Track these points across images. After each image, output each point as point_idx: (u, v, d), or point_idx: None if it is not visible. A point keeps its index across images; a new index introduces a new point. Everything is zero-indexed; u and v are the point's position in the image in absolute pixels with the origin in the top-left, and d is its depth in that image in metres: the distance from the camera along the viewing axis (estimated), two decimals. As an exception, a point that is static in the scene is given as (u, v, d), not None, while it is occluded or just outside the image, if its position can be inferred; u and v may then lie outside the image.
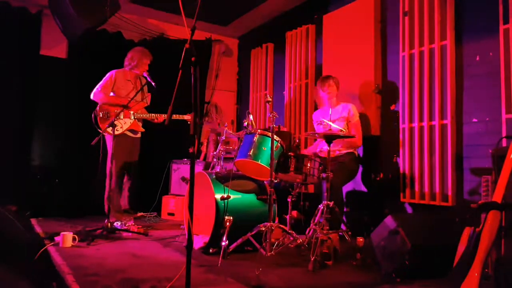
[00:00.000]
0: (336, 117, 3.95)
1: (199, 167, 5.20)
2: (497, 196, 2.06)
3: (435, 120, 3.58)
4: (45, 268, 2.80)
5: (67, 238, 3.27)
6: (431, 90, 3.63)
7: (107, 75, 4.36)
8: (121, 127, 4.26)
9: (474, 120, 3.37)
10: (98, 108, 4.25)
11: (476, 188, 3.30)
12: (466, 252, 2.11)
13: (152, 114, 4.40)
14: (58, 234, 3.35)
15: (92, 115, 4.23)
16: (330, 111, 3.82)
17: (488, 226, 2.02)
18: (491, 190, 2.61)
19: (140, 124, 4.44)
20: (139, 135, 4.52)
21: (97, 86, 4.30)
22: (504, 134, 3.06)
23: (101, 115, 4.22)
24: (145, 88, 4.48)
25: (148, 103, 4.58)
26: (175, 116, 4.28)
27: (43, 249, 3.07)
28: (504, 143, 2.92)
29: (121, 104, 4.06)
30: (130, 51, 4.47)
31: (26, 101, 5.00)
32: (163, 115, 4.39)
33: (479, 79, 3.36)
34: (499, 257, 2.05)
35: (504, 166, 2.09)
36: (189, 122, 4.30)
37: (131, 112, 4.32)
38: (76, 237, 3.34)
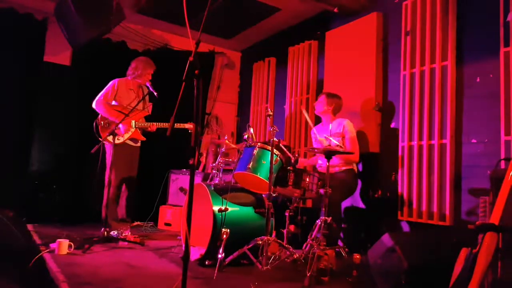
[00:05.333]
0: (331, 133, 3.96)
1: (197, 178, 5.20)
2: (495, 218, 2.06)
3: (434, 139, 3.59)
4: (40, 275, 2.78)
5: (63, 245, 3.26)
6: (431, 109, 3.66)
7: (110, 84, 4.38)
8: (122, 136, 4.28)
9: (473, 140, 3.39)
10: (99, 117, 4.27)
11: (474, 208, 3.30)
12: (463, 273, 2.10)
13: (146, 123, 4.41)
14: (54, 240, 3.34)
15: (94, 123, 4.25)
16: (330, 126, 3.83)
17: (485, 247, 2.02)
18: (489, 211, 2.61)
19: (140, 132, 4.45)
20: (139, 144, 4.53)
21: (99, 95, 4.32)
22: (502, 156, 3.07)
23: (102, 124, 4.24)
24: (147, 97, 4.51)
25: (150, 112, 4.60)
26: (176, 125, 4.29)
27: (38, 255, 3.05)
28: (502, 165, 2.94)
29: (119, 120, 4.02)
30: (134, 61, 4.51)
31: (27, 106, 5.01)
32: (155, 123, 4.41)
33: (479, 100, 3.38)
34: (495, 279, 2.05)
35: (502, 189, 2.10)
36: (190, 131, 4.33)
37: (132, 121, 4.34)
38: (72, 244, 3.32)
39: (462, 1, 3.57)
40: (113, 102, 4.32)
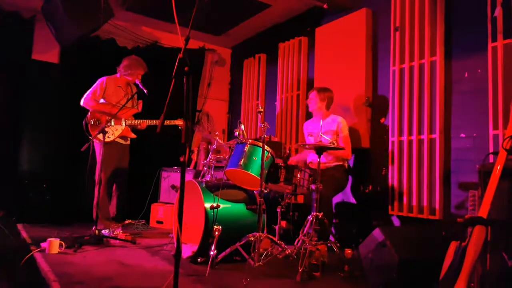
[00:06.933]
0: (325, 129, 3.97)
1: (189, 176, 5.19)
2: (483, 212, 2.08)
3: (424, 134, 3.62)
4: (31, 275, 2.76)
5: (54, 244, 3.24)
6: (421, 104, 3.69)
7: (98, 81, 4.35)
8: (112, 134, 4.25)
9: (462, 135, 3.43)
10: (89, 115, 4.24)
11: (463, 202, 3.34)
12: (452, 266, 2.13)
13: (136, 121, 4.39)
14: (44, 240, 3.31)
15: (83, 122, 4.22)
16: (321, 122, 3.84)
17: (473, 240, 2.04)
18: (478, 205, 2.64)
19: (130, 130, 4.43)
20: (128, 142, 4.50)
21: (87, 93, 4.29)
22: (491, 150, 3.11)
23: (92, 122, 4.21)
24: (135, 95, 4.49)
25: (140, 110, 4.57)
26: (166, 122, 4.29)
27: (29, 255, 3.03)
28: (491, 159, 2.97)
29: (110, 113, 4.04)
30: (127, 59, 4.47)
31: (15, 105, 4.96)
32: (145, 121, 4.39)
33: (468, 95, 3.42)
34: (484, 272, 2.08)
35: (490, 183, 2.13)
36: (180, 127, 4.33)
37: (122, 119, 4.32)
38: (63, 243, 3.30)
39: (450, -4, 3.61)
40: (101, 100, 4.29)
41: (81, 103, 4.27)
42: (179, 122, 4.33)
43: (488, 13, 3.23)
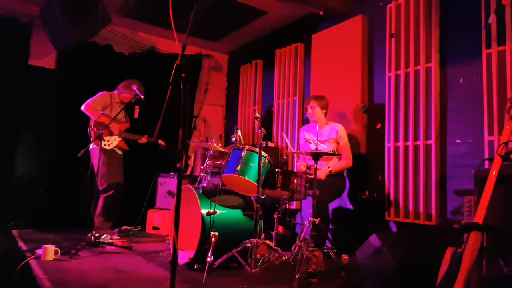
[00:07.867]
0: (325, 138, 3.97)
1: (185, 181, 5.18)
2: (479, 217, 2.09)
3: (419, 140, 3.64)
4: (26, 282, 2.74)
5: (49, 251, 3.22)
6: (416, 110, 3.71)
7: (100, 94, 4.38)
8: (111, 143, 4.27)
9: (458, 141, 3.45)
10: (93, 122, 4.25)
11: (459, 208, 3.35)
12: (449, 272, 2.13)
13: (136, 135, 4.44)
14: (40, 246, 3.30)
15: (88, 129, 4.23)
16: (317, 128, 3.85)
17: (469, 246, 2.05)
18: (474, 210, 2.65)
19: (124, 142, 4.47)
20: (121, 152, 4.52)
21: (88, 100, 4.29)
22: (486, 156, 3.13)
23: (95, 130, 4.22)
24: (124, 109, 4.55)
25: (136, 116, 4.59)
26: (150, 139, 4.43)
27: (24, 262, 3.01)
28: (486, 165, 2.99)
29: (104, 124, 4.10)
30: (130, 81, 4.50)
31: (11, 110, 4.94)
32: (145, 136, 4.45)
33: (463, 101, 3.44)
34: (480, 277, 2.08)
35: (485, 188, 2.14)
36: (161, 146, 4.52)
37: (118, 131, 4.35)
38: (58, 250, 3.28)
39: (445, 4, 3.64)
40: (100, 112, 4.32)
41: (82, 107, 4.29)
42: (161, 142, 4.52)
43: (482, 20, 3.27)
